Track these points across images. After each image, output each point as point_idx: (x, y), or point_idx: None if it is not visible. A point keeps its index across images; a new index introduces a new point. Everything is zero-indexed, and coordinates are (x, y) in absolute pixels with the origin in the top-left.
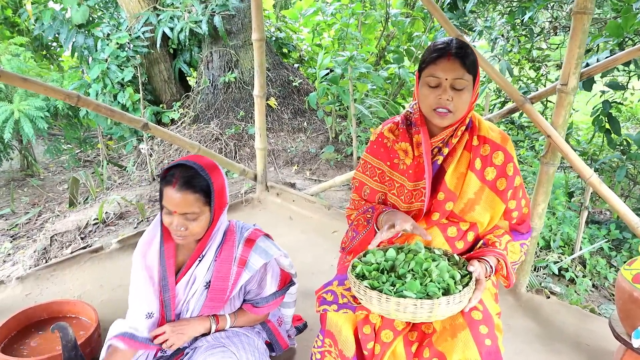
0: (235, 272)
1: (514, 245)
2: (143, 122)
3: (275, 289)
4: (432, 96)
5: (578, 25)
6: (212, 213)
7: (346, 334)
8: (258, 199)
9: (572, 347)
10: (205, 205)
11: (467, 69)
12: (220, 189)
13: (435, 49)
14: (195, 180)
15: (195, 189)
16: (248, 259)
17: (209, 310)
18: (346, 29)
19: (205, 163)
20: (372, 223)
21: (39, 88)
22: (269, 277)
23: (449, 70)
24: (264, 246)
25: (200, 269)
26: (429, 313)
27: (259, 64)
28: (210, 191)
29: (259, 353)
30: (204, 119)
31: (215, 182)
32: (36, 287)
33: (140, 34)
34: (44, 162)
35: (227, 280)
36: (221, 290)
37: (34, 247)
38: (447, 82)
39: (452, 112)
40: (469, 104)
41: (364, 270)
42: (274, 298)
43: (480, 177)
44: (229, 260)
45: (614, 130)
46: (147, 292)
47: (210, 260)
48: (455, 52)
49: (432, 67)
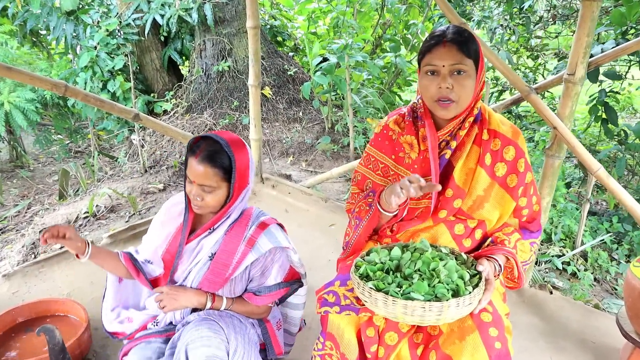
0: (241, 251)
1: (524, 244)
2: (134, 112)
3: (280, 280)
4: (432, 86)
5: (587, 12)
6: (232, 190)
7: (349, 336)
8: (253, 191)
9: (577, 345)
10: (223, 181)
11: (465, 54)
12: (243, 168)
13: (432, 37)
14: (218, 155)
15: (216, 164)
16: (257, 240)
17: (208, 284)
18: (342, 17)
19: (233, 140)
20: (375, 205)
21: (25, 77)
22: (275, 267)
23: (445, 57)
24: (275, 232)
25: (209, 240)
26: (438, 316)
27: (254, 52)
28: (231, 168)
29: (249, 339)
30: (197, 109)
31: (238, 160)
32: (23, 285)
33: (131, 21)
34: (33, 153)
35: (232, 256)
36: (224, 265)
37: (22, 242)
38: (445, 69)
39: (455, 102)
40: (474, 92)
41: (368, 270)
42: (278, 289)
43: (490, 173)
44: (238, 237)
45: (610, 120)
46: (159, 235)
47: (220, 234)
48: (451, 37)
49: (429, 56)
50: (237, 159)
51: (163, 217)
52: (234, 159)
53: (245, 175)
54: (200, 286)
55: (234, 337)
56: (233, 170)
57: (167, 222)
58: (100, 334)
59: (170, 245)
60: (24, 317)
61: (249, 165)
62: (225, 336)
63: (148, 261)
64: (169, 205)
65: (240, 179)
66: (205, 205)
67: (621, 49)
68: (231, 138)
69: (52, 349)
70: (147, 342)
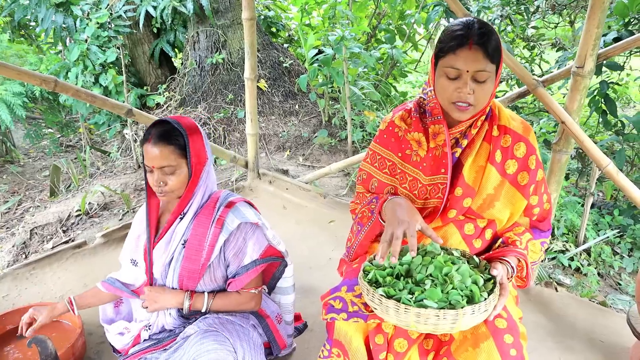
0: (212, 233)
1: (535, 244)
2: (127, 108)
3: (256, 257)
4: (451, 88)
5: (597, 2)
6: (190, 168)
7: (357, 344)
8: (250, 187)
9: (586, 344)
10: (181, 158)
11: (490, 59)
12: (197, 144)
13: (455, 36)
14: (170, 133)
15: (170, 141)
16: (225, 219)
17: (187, 274)
18: (335, 8)
19: (186, 122)
20: (376, 213)
21: (12, 73)
22: (250, 245)
23: (470, 62)
24: (242, 209)
25: (180, 226)
26: (452, 324)
27: (250, 44)
28: (185, 144)
29: (254, 344)
30: (191, 102)
31: (191, 136)
32: (14, 288)
33: (122, 12)
34: (23, 148)
35: (204, 239)
36: (197, 250)
37: (12, 241)
38: (469, 74)
39: (473, 106)
40: (491, 95)
41: (377, 275)
42: (254, 266)
43: (501, 171)
44: (207, 219)
45: (610, 112)
46: (132, 241)
47: (190, 218)
48: (478, 40)
49: (452, 58)
50: (189, 135)
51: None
52: (186, 134)
53: (201, 152)
54: (180, 278)
55: (239, 345)
56: (187, 145)
57: (137, 226)
58: (94, 339)
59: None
60: (15, 324)
61: (203, 141)
62: (231, 346)
63: (135, 261)
64: (138, 213)
65: (197, 154)
66: (170, 189)
67: (633, 40)
68: (181, 118)
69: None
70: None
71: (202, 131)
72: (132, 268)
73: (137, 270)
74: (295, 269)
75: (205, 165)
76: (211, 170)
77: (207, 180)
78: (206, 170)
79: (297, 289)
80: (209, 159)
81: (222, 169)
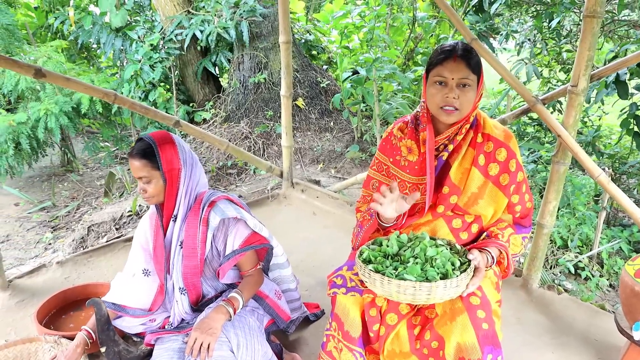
0: (201, 231)
1: (516, 238)
2: (175, 119)
3: (236, 247)
4: (439, 95)
5: (588, 28)
6: (164, 176)
7: (353, 315)
8: (284, 195)
9: (580, 341)
10: (154, 170)
11: (471, 70)
12: (168, 154)
13: (443, 51)
14: (145, 150)
15: (143, 156)
16: (209, 217)
17: (189, 270)
18: (373, 32)
19: (158, 135)
20: (375, 216)
21: (80, 87)
22: (230, 237)
23: (455, 71)
24: (222, 207)
25: (175, 227)
26: (427, 295)
27: (286, 65)
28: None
29: (249, 328)
30: (235, 118)
31: (162, 150)
32: (74, 272)
33: (173, 36)
34: (83, 159)
35: (196, 238)
36: (192, 248)
37: (72, 237)
38: (454, 81)
39: (458, 110)
40: (474, 103)
41: (370, 255)
42: (234, 255)
43: (484, 173)
44: (195, 220)
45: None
46: (138, 252)
47: (181, 220)
48: (461, 54)
49: (440, 68)
50: (160, 148)
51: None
52: (157, 149)
53: (172, 160)
54: (184, 275)
55: (233, 334)
56: (158, 157)
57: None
58: None
59: (155, 248)
60: (74, 298)
61: (176, 151)
62: (224, 336)
63: (147, 271)
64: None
65: (168, 163)
66: (150, 195)
67: (623, 61)
68: (157, 134)
69: (99, 320)
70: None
71: (177, 143)
72: (143, 280)
73: (149, 280)
74: (320, 266)
75: (181, 171)
76: (195, 175)
77: (188, 184)
78: (185, 175)
79: (319, 282)
80: (187, 166)
81: (260, 178)
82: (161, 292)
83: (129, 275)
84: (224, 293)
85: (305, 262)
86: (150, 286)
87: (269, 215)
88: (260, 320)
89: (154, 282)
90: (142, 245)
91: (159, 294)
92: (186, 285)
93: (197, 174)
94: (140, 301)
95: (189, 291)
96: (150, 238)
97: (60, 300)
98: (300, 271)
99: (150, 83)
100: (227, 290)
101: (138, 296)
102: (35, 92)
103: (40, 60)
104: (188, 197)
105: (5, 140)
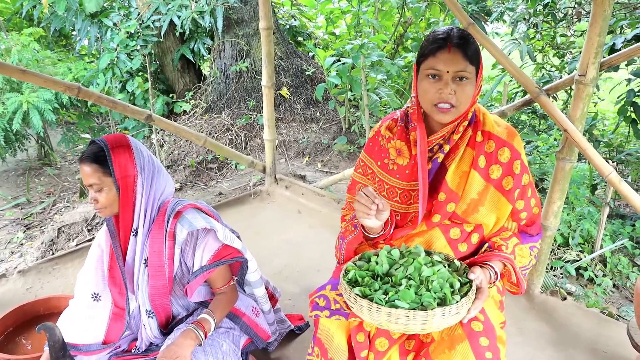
0: (168, 246)
1: (523, 249)
2: (147, 113)
3: (205, 263)
4: (432, 90)
5: (598, 10)
6: (116, 183)
7: (338, 341)
8: (267, 192)
9: (587, 354)
10: (105, 176)
11: (469, 60)
12: (121, 158)
13: (435, 40)
14: (95, 154)
15: (94, 161)
16: (175, 230)
17: (156, 291)
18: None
19: (112, 138)
20: (359, 227)
21: (38, 80)
22: (198, 252)
23: (450, 63)
24: (189, 217)
25: (137, 244)
26: (423, 325)
27: (267, 53)
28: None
29: (222, 353)
30: (216, 109)
31: (114, 154)
32: (37, 281)
33: (150, 23)
34: (61, 151)
35: (162, 255)
36: (159, 266)
37: (41, 239)
38: (449, 75)
39: (455, 107)
40: (472, 97)
41: (357, 275)
42: (202, 272)
43: (485, 176)
44: (160, 234)
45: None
46: (89, 272)
47: (144, 235)
48: (457, 42)
49: (432, 60)
50: (112, 153)
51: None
52: (109, 153)
53: (127, 166)
54: (151, 299)
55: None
56: (110, 162)
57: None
58: None
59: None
60: (34, 314)
61: (131, 157)
62: None
63: (97, 295)
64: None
65: (121, 169)
66: (102, 205)
67: (637, 47)
68: (111, 137)
69: (52, 346)
70: None
71: (134, 146)
72: (92, 305)
73: (98, 306)
74: (305, 272)
75: (137, 178)
76: (156, 183)
77: (149, 193)
78: (142, 183)
79: (303, 290)
80: (145, 173)
81: (241, 174)
82: (117, 319)
83: (78, 303)
84: (195, 312)
85: (288, 267)
86: (100, 313)
87: (251, 214)
88: (237, 342)
89: (104, 308)
90: (96, 263)
91: (114, 322)
92: (154, 307)
93: (159, 182)
94: (92, 334)
95: (157, 313)
96: (105, 255)
97: (18, 317)
98: (284, 277)
99: (128, 72)
100: (198, 309)
101: (89, 328)
102: (12, 82)
103: (14, 49)
104: (149, 208)
105: None
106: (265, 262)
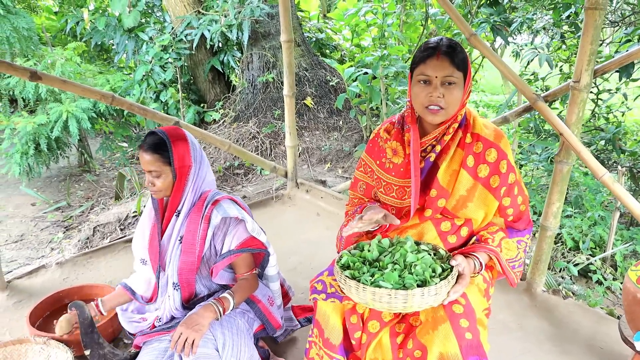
0: (202, 228)
1: (509, 243)
2: (174, 120)
3: (233, 247)
4: (423, 94)
5: (590, 21)
6: (174, 172)
7: (334, 322)
8: (288, 195)
9: (584, 349)
10: (165, 165)
11: (456, 67)
12: (180, 150)
13: (426, 49)
14: (158, 144)
15: (156, 151)
16: (211, 215)
17: (185, 265)
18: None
19: (171, 131)
20: None
21: (76, 89)
22: (228, 237)
23: (438, 69)
24: (225, 206)
25: (177, 223)
26: (404, 303)
27: (288, 64)
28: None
29: (237, 329)
30: (244, 118)
31: (175, 146)
32: (73, 272)
33: (183, 36)
34: (100, 159)
35: (196, 234)
36: (191, 244)
37: (78, 237)
38: (437, 79)
39: (444, 109)
40: (461, 101)
41: (349, 261)
42: (229, 255)
43: (473, 174)
44: (197, 217)
45: None
46: (138, 242)
47: (184, 216)
48: (445, 50)
49: (422, 66)
50: (173, 144)
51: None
52: (170, 144)
53: (184, 157)
54: (180, 270)
55: (220, 333)
56: (170, 153)
57: (142, 225)
58: None
59: (151, 241)
60: (69, 299)
61: (188, 149)
62: (211, 334)
63: (144, 260)
64: (142, 215)
65: (180, 159)
66: (158, 189)
67: (627, 55)
68: (170, 130)
69: (82, 323)
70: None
71: (190, 140)
72: (142, 268)
73: (147, 268)
74: (318, 268)
75: (191, 168)
76: (202, 173)
77: (195, 181)
78: (194, 173)
79: None
80: (197, 164)
81: (265, 179)
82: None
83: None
84: (217, 293)
85: (303, 264)
86: (149, 275)
87: (273, 215)
88: (250, 323)
89: (150, 271)
90: (143, 234)
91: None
92: (180, 281)
93: (204, 171)
94: (142, 288)
95: (182, 287)
96: (147, 230)
97: (54, 302)
98: (298, 273)
99: (162, 83)
100: (219, 291)
101: (141, 283)
102: (55, 93)
103: (58, 62)
104: (194, 194)
105: (26, 142)
106: (283, 260)
